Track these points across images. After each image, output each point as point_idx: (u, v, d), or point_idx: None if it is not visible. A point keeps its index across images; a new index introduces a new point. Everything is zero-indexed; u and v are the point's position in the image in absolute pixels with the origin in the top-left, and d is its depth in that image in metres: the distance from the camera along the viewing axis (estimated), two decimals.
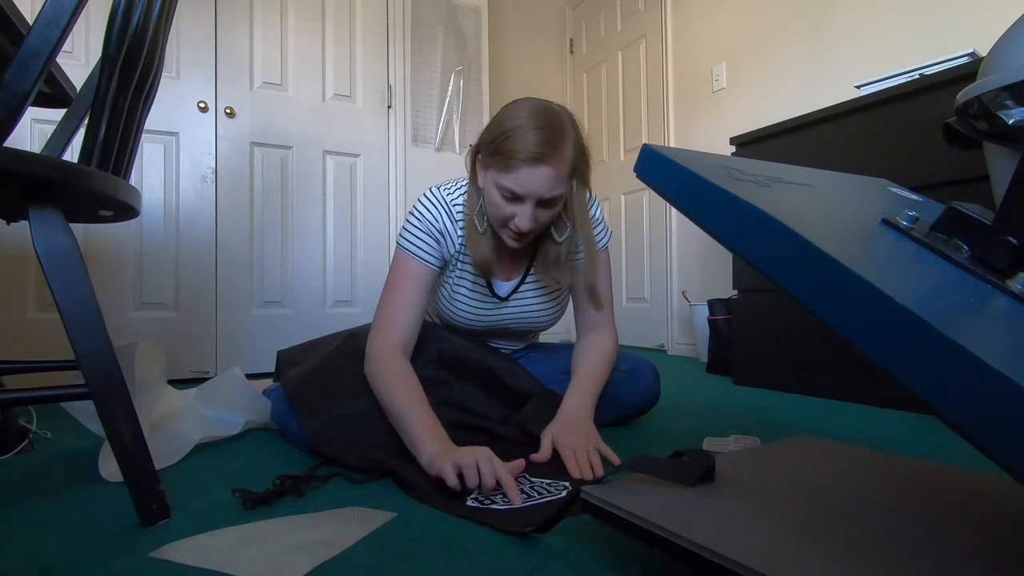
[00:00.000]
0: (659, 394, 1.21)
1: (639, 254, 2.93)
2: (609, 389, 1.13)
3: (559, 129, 0.90)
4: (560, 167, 0.90)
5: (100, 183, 0.69)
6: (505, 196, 0.91)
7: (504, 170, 0.90)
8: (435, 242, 1.02)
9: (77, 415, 0.97)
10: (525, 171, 0.88)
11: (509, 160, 0.88)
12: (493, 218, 0.97)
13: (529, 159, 0.87)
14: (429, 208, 1.03)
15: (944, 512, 0.52)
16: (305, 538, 0.62)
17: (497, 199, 0.93)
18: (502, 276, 1.10)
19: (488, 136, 0.94)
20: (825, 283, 0.39)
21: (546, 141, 0.87)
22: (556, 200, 0.93)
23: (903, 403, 1.39)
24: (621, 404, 1.17)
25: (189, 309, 1.98)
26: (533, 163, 0.87)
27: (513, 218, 0.93)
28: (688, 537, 0.45)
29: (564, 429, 0.94)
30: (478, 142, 0.97)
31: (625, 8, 3.05)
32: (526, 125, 0.88)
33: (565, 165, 0.91)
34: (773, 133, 1.75)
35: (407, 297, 1.00)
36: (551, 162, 0.88)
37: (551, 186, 0.90)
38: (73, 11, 0.63)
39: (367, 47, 2.33)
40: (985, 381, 0.31)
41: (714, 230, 0.49)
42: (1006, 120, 0.77)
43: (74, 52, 1.81)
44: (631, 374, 1.18)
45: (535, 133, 0.87)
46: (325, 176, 2.25)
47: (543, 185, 0.89)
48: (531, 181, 0.88)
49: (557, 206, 0.96)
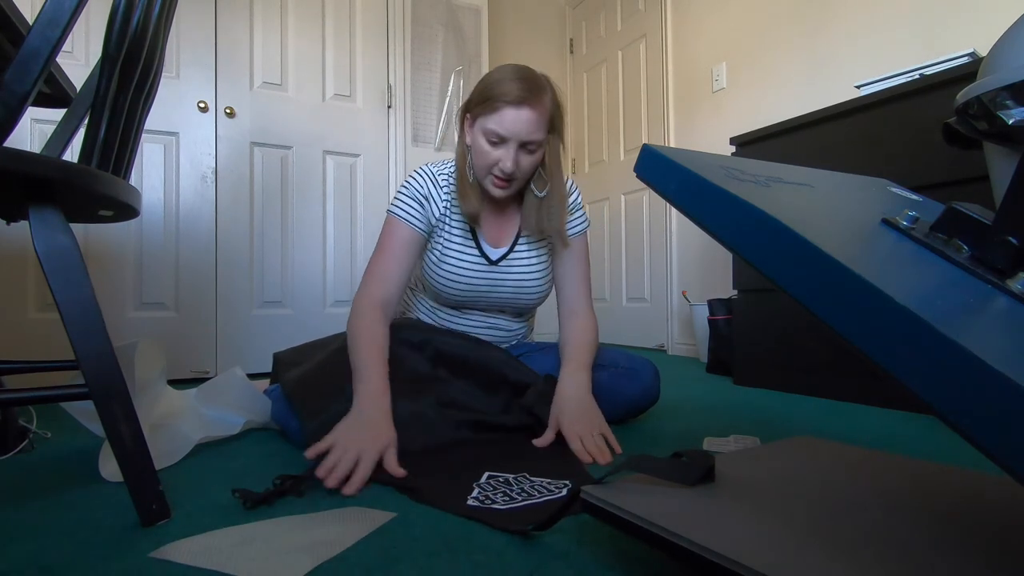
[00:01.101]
0: (659, 392, 1.21)
1: (639, 254, 2.93)
2: (608, 387, 1.14)
3: (538, 81, 1.03)
4: (540, 112, 1.01)
5: (100, 183, 0.69)
6: (491, 141, 1.02)
7: (489, 113, 1.01)
8: (420, 206, 1.11)
9: (77, 415, 0.97)
10: (508, 112, 0.99)
11: (494, 103, 1.00)
12: (480, 168, 1.06)
13: (512, 101, 0.99)
14: (416, 178, 1.13)
15: (944, 512, 0.52)
16: (305, 538, 0.62)
17: (483, 146, 1.03)
18: (491, 241, 1.17)
19: (475, 92, 1.06)
20: (825, 283, 0.39)
21: (527, 88, 1.00)
22: (536, 146, 1.04)
23: (903, 403, 1.39)
24: (621, 402, 1.17)
25: (189, 309, 1.98)
26: (516, 105, 0.99)
27: (498, 163, 1.03)
28: (688, 537, 0.45)
29: (570, 416, 0.98)
30: (466, 100, 1.08)
31: (625, 8, 3.05)
32: (509, 76, 1.01)
33: (544, 112, 1.02)
34: (773, 133, 1.75)
35: (392, 256, 1.08)
36: (532, 105, 1.00)
37: (532, 129, 1.01)
38: (73, 11, 0.63)
39: (367, 47, 2.33)
40: (985, 381, 0.31)
41: (714, 230, 0.49)
42: (1006, 120, 0.77)
43: (74, 52, 1.81)
44: (631, 372, 1.19)
45: (517, 82, 1.00)
46: (325, 176, 2.25)
47: (524, 127, 1.00)
48: (514, 123, 1.00)
49: (537, 154, 1.06)
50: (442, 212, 1.13)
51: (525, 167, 1.05)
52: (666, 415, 1.32)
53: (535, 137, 1.02)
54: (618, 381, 1.16)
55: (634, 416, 1.22)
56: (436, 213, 1.13)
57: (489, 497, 0.74)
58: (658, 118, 2.81)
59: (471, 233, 1.15)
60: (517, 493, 0.75)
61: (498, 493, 0.75)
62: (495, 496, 0.74)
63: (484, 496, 0.74)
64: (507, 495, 0.74)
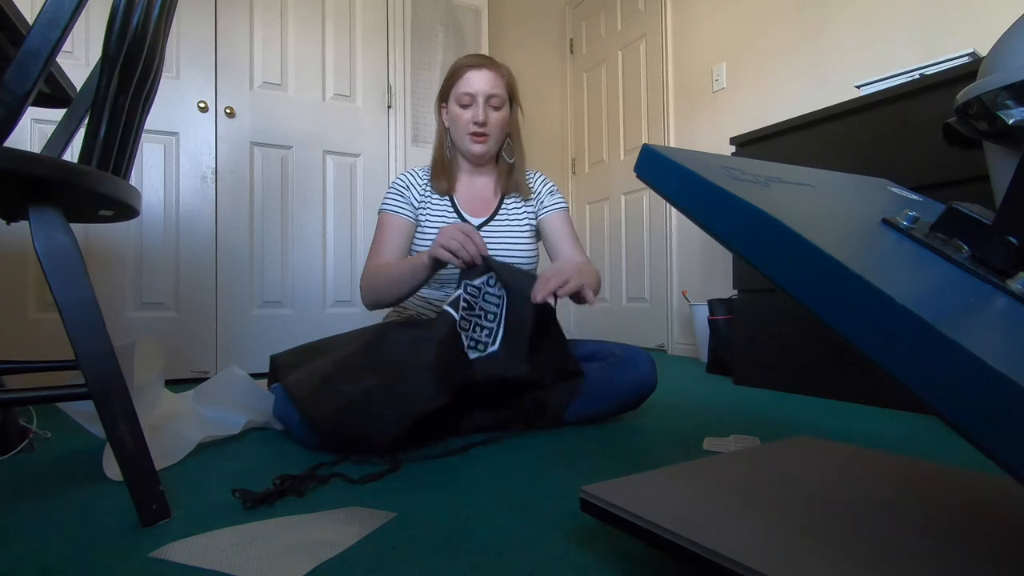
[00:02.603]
0: (656, 380, 1.23)
1: (639, 254, 2.93)
2: (606, 377, 1.17)
3: (492, 58, 1.31)
4: (497, 73, 1.26)
5: (100, 183, 0.69)
6: (463, 104, 1.25)
7: (456, 81, 1.26)
8: (402, 196, 1.30)
9: (77, 417, 0.97)
10: (471, 74, 1.24)
11: (459, 72, 1.26)
12: (458, 133, 1.28)
13: (473, 65, 1.25)
14: (397, 179, 1.35)
15: (944, 512, 0.52)
16: (305, 538, 0.62)
17: (457, 111, 1.26)
18: (471, 212, 1.33)
19: (444, 80, 1.31)
20: (825, 283, 0.39)
21: (482, 57, 1.29)
22: (500, 101, 1.26)
23: (903, 403, 1.39)
24: (618, 391, 1.19)
25: (189, 309, 1.98)
26: (476, 68, 1.25)
27: (472, 119, 1.25)
28: (688, 537, 0.45)
29: (559, 265, 1.06)
30: (439, 92, 1.33)
31: (625, 8, 3.05)
32: (468, 56, 1.30)
33: (501, 75, 1.27)
34: (773, 133, 1.75)
35: (386, 241, 1.26)
36: (489, 67, 1.26)
37: (492, 84, 1.24)
38: (73, 11, 0.63)
39: (367, 47, 2.33)
40: (985, 381, 0.31)
41: (714, 230, 0.49)
42: (1006, 120, 0.77)
43: (74, 52, 1.81)
44: (627, 361, 1.21)
45: (474, 56, 1.29)
46: (325, 176, 2.25)
47: (487, 83, 1.24)
48: (477, 80, 1.24)
49: (502, 111, 1.28)
50: (421, 194, 1.31)
51: (494, 120, 1.26)
52: (666, 415, 1.32)
53: (497, 91, 1.25)
54: (615, 371, 1.19)
55: (634, 406, 1.23)
56: (416, 196, 1.31)
57: (480, 341, 1.04)
58: (658, 118, 2.81)
59: (451, 205, 1.32)
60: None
61: (483, 332, 1.04)
62: (485, 339, 1.04)
63: (475, 340, 1.04)
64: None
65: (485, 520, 0.68)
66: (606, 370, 1.19)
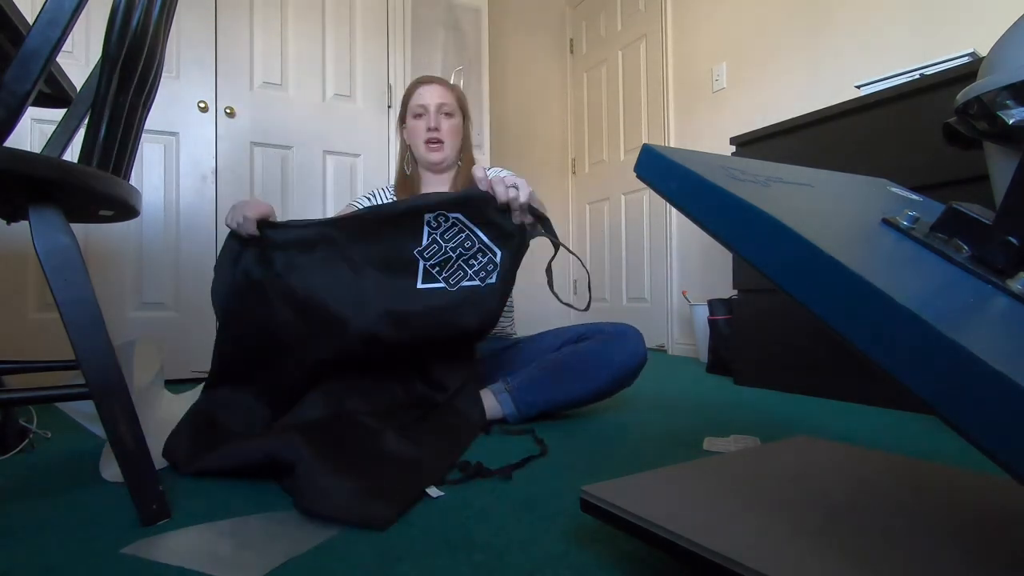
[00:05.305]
0: (646, 354, 1.25)
1: (639, 254, 2.93)
2: (596, 353, 1.21)
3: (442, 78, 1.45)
4: (446, 87, 1.39)
5: (100, 183, 0.69)
6: (416, 115, 1.37)
7: (411, 97, 1.39)
8: (368, 201, 1.40)
9: (77, 417, 0.97)
10: (422, 88, 1.38)
11: (413, 90, 1.39)
12: (416, 143, 1.38)
13: (424, 82, 1.39)
14: (365, 194, 1.45)
15: (944, 512, 0.52)
16: (283, 532, 0.63)
17: (413, 124, 1.38)
18: None
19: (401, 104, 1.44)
20: (825, 283, 0.39)
21: (432, 76, 1.42)
22: (450, 110, 1.37)
23: (903, 403, 1.39)
24: (609, 366, 1.21)
25: (189, 309, 1.98)
26: (427, 83, 1.39)
27: (427, 128, 1.35)
28: (688, 537, 0.45)
29: (501, 175, 1.06)
30: (398, 116, 1.46)
31: (625, 8, 3.05)
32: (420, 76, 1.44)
33: (450, 91, 1.39)
34: (773, 133, 1.75)
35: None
36: (438, 83, 1.39)
37: (442, 95, 1.37)
38: (73, 11, 0.63)
39: (367, 47, 2.33)
40: (985, 381, 0.31)
41: (714, 230, 0.49)
42: (1006, 120, 0.77)
43: (74, 52, 1.81)
44: (617, 336, 1.24)
45: (426, 76, 1.42)
46: (325, 176, 2.25)
47: (436, 95, 1.36)
48: (428, 93, 1.37)
49: (454, 119, 1.38)
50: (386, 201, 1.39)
51: (446, 128, 1.37)
52: (666, 415, 1.32)
53: (447, 100, 1.37)
54: (605, 347, 1.21)
55: (628, 383, 1.25)
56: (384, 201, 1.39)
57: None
58: (658, 118, 2.81)
59: None
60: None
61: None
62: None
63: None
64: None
65: (485, 520, 0.68)
66: (597, 347, 1.21)
